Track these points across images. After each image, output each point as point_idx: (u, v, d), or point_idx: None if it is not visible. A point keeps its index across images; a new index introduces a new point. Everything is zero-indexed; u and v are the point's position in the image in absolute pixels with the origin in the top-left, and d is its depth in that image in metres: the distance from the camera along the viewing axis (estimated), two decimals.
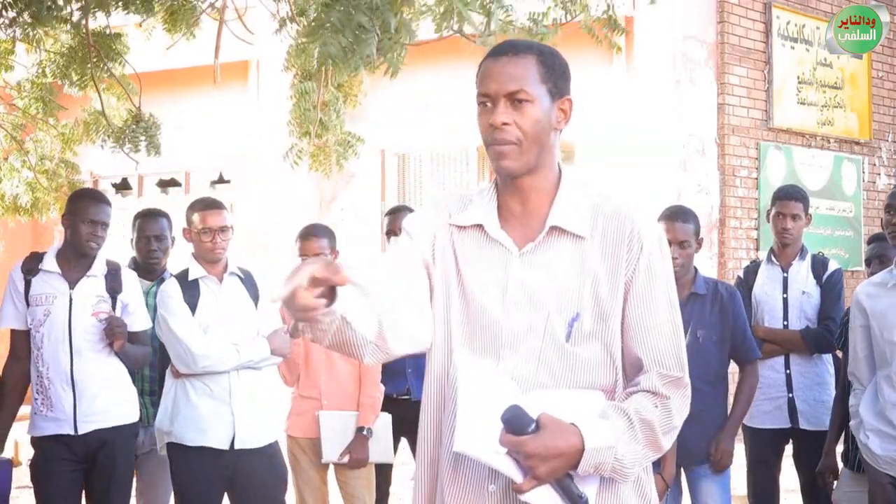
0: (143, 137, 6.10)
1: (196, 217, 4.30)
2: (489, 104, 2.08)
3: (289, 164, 6.11)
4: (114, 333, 4.16)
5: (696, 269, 4.29)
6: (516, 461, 1.93)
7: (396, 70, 4.41)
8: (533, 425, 1.92)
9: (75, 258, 4.26)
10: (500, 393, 1.98)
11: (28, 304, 4.22)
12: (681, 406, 2.11)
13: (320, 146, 5.93)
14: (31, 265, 4.26)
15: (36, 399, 4.25)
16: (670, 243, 4.12)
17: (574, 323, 2.06)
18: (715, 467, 4.27)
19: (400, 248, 2.13)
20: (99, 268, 4.30)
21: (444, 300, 2.15)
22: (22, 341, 4.27)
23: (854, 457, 4.26)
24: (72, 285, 4.23)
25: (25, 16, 5.28)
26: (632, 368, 2.11)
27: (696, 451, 4.16)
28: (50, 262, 4.25)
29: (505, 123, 2.05)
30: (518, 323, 2.07)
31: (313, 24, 4.29)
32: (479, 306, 2.10)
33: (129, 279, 4.40)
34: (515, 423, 1.91)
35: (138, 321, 4.38)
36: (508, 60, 2.08)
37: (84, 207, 4.25)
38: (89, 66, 5.85)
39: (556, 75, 2.12)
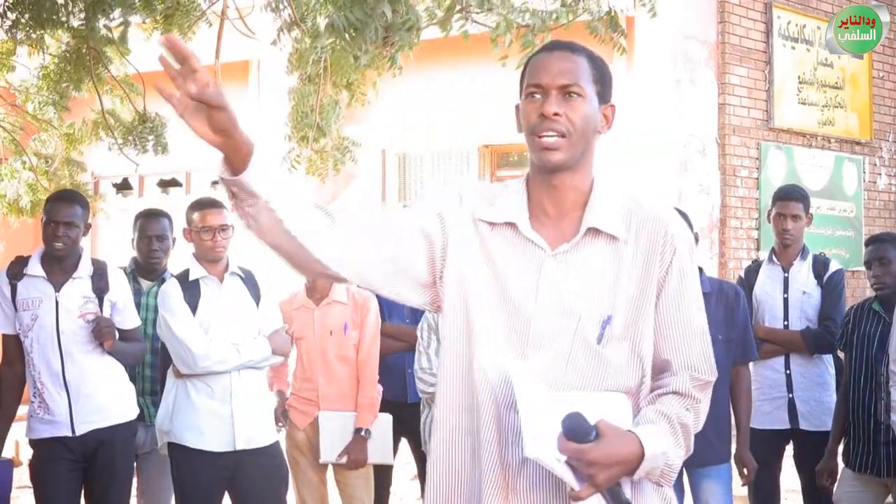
0: (150, 137, 6.11)
1: (196, 216, 4.30)
2: (539, 95, 2.07)
3: (285, 169, 6.11)
4: (102, 334, 4.16)
5: (700, 269, 4.29)
6: (571, 467, 1.91)
7: (410, 46, 4.37)
8: (594, 433, 1.91)
9: (57, 261, 4.25)
10: (551, 399, 1.97)
11: (16, 309, 4.21)
12: (706, 408, 2.12)
13: (318, 151, 5.92)
14: (16, 270, 4.25)
15: (33, 402, 4.25)
16: None
17: (606, 326, 2.05)
18: (746, 480, 4.30)
19: (394, 216, 2.12)
20: (84, 268, 4.28)
21: (463, 294, 2.10)
22: (14, 346, 4.27)
23: (855, 456, 4.27)
24: (57, 288, 4.21)
25: (26, 17, 5.28)
26: (656, 370, 2.09)
27: (701, 452, 4.15)
28: (34, 266, 4.23)
29: (556, 114, 2.04)
30: (549, 323, 2.05)
31: (314, 29, 4.29)
32: (509, 305, 2.08)
33: (117, 278, 4.39)
34: (577, 430, 1.89)
35: (128, 319, 4.38)
36: (563, 55, 2.09)
37: (49, 208, 4.24)
38: (88, 67, 5.84)
39: (605, 80, 2.14)
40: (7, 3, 5.32)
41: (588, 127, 2.09)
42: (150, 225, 4.82)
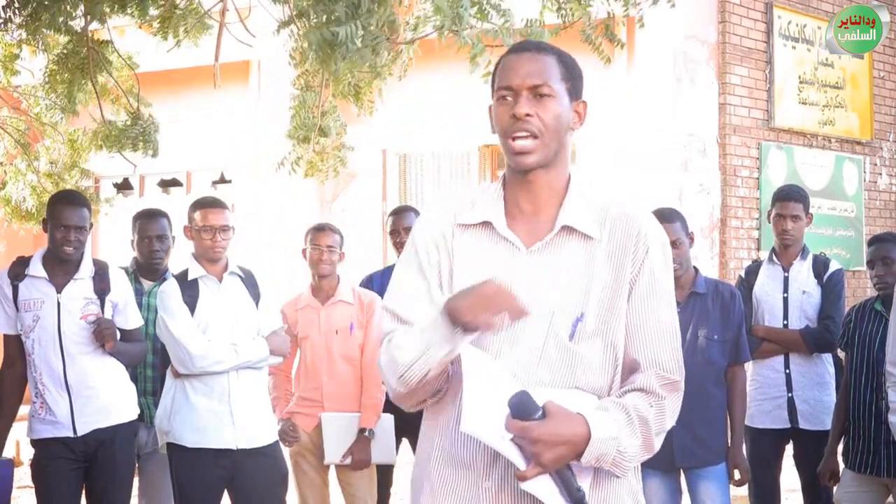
0: (140, 138, 6.10)
1: (197, 215, 4.30)
2: (510, 98, 2.10)
3: (280, 172, 6.11)
4: (103, 335, 4.15)
5: (696, 269, 4.29)
6: (520, 448, 1.93)
7: (410, 43, 4.39)
8: (539, 412, 1.92)
9: (59, 262, 4.24)
10: (503, 380, 1.99)
11: (17, 310, 4.20)
12: (673, 409, 2.11)
13: (318, 152, 5.92)
14: (18, 270, 4.23)
15: (34, 402, 4.25)
16: None
17: (578, 323, 2.07)
18: (739, 484, 4.30)
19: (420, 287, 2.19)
20: (86, 269, 4.27)
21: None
22: (15, 346, 4.26)
23: (855, 456, 4.27)
24: (59, 289, 4.21)
25: (23, 16, 5.28)
26: (627, 370, 2.11)
27: (697, 452, 4.16)
28: (36, 267, 4.22)
29: (528, 115, 2.07)
30: (522, 320, 2.06)
31: (312, 24, 4.31)
32: None
33: (118, 278, 4.38)
34: (522, 408, 1.91)
35: (130, 320, 4.37)
36: (532, 56, 2.12)
37: (58, 212, 4.21)
38: (90, 70, 5.84)
39: (574, 77, 2.16)
40: (4, 3, 5.31)
41: (560, 126, 2.11)
42: (149, 225, 4.81)
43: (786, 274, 4.83)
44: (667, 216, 4.20)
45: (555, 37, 4.61)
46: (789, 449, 4.87)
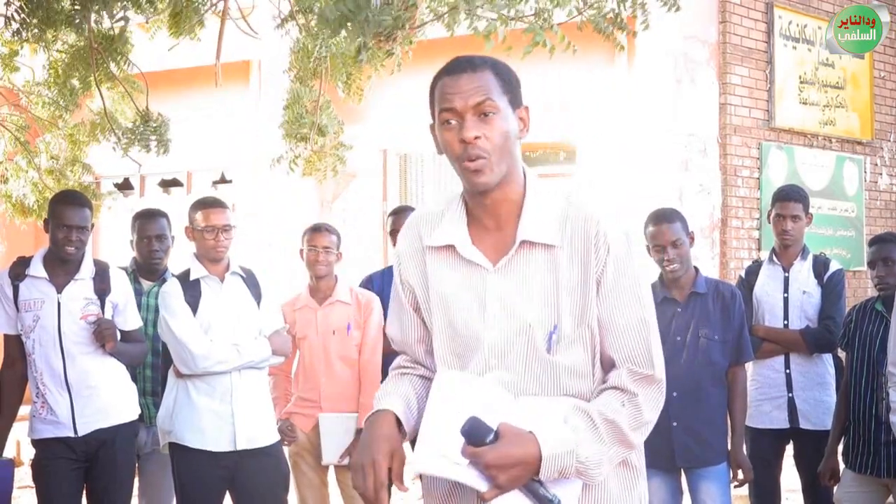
0: (153, 137, 6.10)
1: (199, 215, 4.29)
2: (454, 121, 2.09)
3: (280, 171, 6.11)
4: (103, 336, 4.15)
5: (696, 269, 4.29)
6: (480, 470, 1.98)
7: (409, 41, 4.38)
8: (491, 435, 1.96)
9: (60, 262, 4.24)
10: (473, 404, 2.02)
11: (18, 310, 4.20)
12: (652, 401, 2.11)
13: (316, 151, 5.91)
14: (18, 270, 4.23)
15: (35, 402, 4.25)
16: (663, 247, 4.13)
17: (552, 335, 2.09)
18: (742, 484, 4.31)
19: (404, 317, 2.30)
20: (87, 270, 4.27)
21: (427, 322, 2.21)
22: (15, 346, 4.26)
23: (855, 457, 4.27)
24: (59, 289, 4.21)
25: (33, 20, 5.28)
26: (606, 368, 2.14)
27: (698, 453, 4.16)
28: (37, 267, 4.22)
29: (477, 137, 2.06)
30: (500, 337, 2.10)
31: (317, 20, 4.29)
32: (459, 323, 2.14)
33: (118, 279, 4.38)
34: (474, 434, 1.96)
35: (130, 320, 4.37)
36: (469, 76, 2.10)
37: (59, 212, 4.20)
38: (92, 67, 5.84)
39: (513, 87, 2.14)
40: (16, 6, 5.31)
41: (509, 140, 2.10)
42: (148, 225, 4.81)
43: (786, 274, 4.83)
44: (667, 216, 4.20)
45: (550, 32, 4.60)
46: (789, 449, 4.87)
